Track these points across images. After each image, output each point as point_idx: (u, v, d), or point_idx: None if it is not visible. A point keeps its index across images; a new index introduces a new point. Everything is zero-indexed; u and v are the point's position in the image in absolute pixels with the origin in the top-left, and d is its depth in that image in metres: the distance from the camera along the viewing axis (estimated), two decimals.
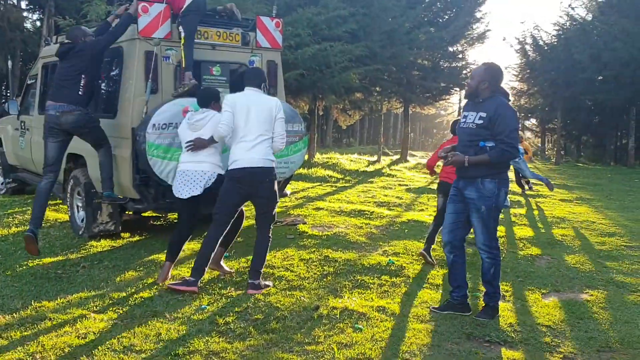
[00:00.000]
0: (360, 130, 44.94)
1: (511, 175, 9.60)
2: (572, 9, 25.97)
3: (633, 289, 5.15)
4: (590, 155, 30.03)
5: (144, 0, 5.69)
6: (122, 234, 6.54)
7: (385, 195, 10.67)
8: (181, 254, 5.26)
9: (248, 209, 5.78)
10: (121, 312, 4.17)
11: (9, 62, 10.89)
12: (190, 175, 4.87)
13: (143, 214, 7.07)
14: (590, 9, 25.24)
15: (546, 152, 32.85)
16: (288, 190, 7.32)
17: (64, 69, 5.54)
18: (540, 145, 33.69)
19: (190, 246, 5.94)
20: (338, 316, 4.18)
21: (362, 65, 15.09)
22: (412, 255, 6.01)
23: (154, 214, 7.49)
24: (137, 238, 6.54)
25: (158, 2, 5.77)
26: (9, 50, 24.45)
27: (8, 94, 27.62)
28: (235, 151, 4.63)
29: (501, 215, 6.19)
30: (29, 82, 8.36)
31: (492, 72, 4.22)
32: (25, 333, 3.68)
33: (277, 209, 8.42)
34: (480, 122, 4.12)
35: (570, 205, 10.46)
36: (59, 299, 4.36)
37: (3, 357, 3.32)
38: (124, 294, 4.53)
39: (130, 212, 6.51)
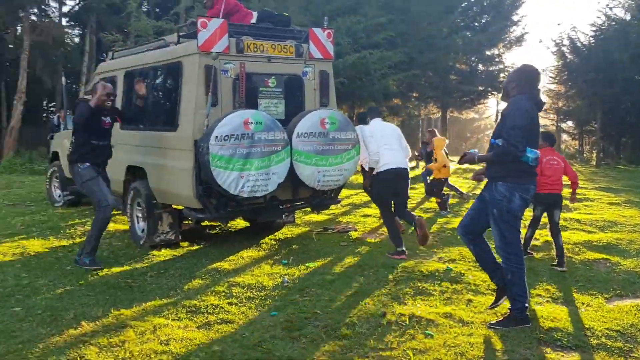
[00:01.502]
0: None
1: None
2: (610, 9, 25.54)
3: None
4: (629, 157, 29.34)
5: (203, 16, 5.88)
6: (182, 244, 6.72)
7: (430, 201, 10.67)
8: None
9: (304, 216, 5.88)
10: (196, 319, 4.31)
11: (63, 79, 11.20)
12: None
13: (202, 224, 7.29)
14: (629, 9, 24.80)
15: (584, 155, 32.27)
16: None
17: None
18: (578, 147, 33.11)
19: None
20: (407, 322, 4.24)
21: (400, 71, 15.15)
22: (469, 262, 6.03)
23: (210, 223, 7.70)
24: (196, 247, 6.71)
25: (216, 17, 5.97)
26: (53, 66, 25.21)
27: (53, 109, 28.45)
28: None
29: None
30: (85, 97, 8.64)
31: (521, 73, 4.25)
32: (111, 340, 3.84)
33: (326, 217, 8.61)
34: (500, 120, 4.24)
35: (620, 209, 10.29)
36: (135, 307, 4.53)
37: (96, 359, 3.49)
38: (195, 302, 4.67)
39: (190, 222, 6.72)
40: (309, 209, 7.38)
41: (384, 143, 6.27)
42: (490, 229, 4.33)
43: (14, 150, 22.55)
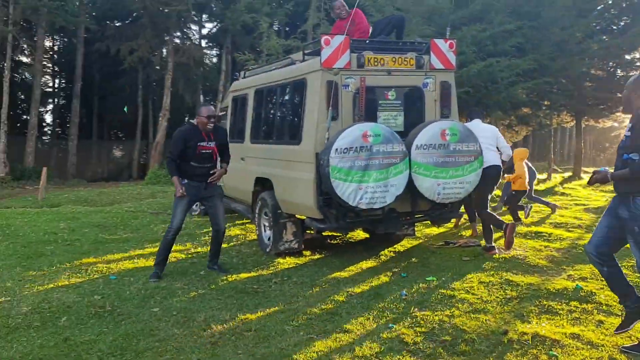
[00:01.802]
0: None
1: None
2: None
3: None
4: None
5: (326, 33, 6.10)
6: (304, 252, 6.96)
7: (562, 216, 10.06)
8: None
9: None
10: (314, 326, 4.46)
11: (201, 97, 12.13)
12: None
13: (323, 234, 7.49)
14: None
15: None
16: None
17: None
18: None
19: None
20: (529, 342, 4.06)
21: (530, 79, 14.45)
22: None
23: (331, 233, 7.89)
24: (317, 256, 6.92)
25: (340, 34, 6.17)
26: (193, 85, 27.32)
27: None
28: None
29: None
30: (220, 113, 9.29)
31: None
32: (236, 342, 4.10)
33: (447, 230, 8.46)
34: (628, 133, 3.87)
35: None
36: (259, 312, 4.78)
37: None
38: (315, 310, 4.83)
39: (312, 232, 6.94)
40: (428, 222, 7.31)
41: (481, 142, 6.46)
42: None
43: (158, 163, 24.69)
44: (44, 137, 35.47)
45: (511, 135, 21.52)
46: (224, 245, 6.81)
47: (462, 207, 7.28)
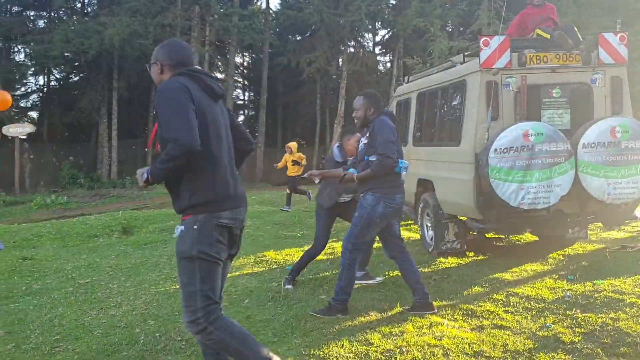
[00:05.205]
0: None
1: None
2: None
3: None
4: None
5: (485, 34, 6.16)
6: (467, 253, 7.04)
7: None
8: None
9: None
10: (471, 321, 4.60)
11: None
12: None
13: (486, 235, 7.49)
14: None
15: None
16: (638, 212, 6.75)
17: None
18: None
19: None
20: None
21: None
22: None
23: (496, 235, 7.84)
24: (481, 257, 6.95)
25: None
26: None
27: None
28: None
29: None
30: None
31: None
32: (392, 330, 4.41)
33: (625, 234, 7.87)
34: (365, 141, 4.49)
35: None
36: None
37: (377, 344, 4.09)
38: (472, 307, 4.95)
39: (474, 232, 7.00)
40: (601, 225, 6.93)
41: None
42: None
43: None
44: None
45: None
46: None
47: None
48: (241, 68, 37.69)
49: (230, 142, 3.10)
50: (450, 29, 28.93)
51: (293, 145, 13.31)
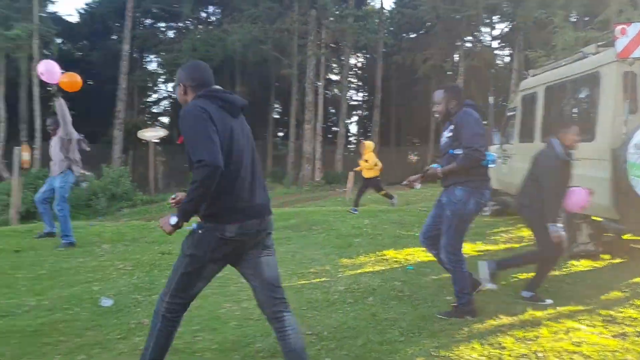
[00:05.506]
0: None
1: None
2: None
3: None
4: None
5: (620, 22, 5.75)
6: (602, 256, 6.59)
7: None
8: None
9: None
10: (612, 328, 4.32)
11: (490, 98, 12.26)
12: None
13: (623, 237, 6.97)
14: None
15: None
16: None
17: None
18: None
19: None
20: None
21: None
22: None
23: (634, 237, 7.28)
24: (618, 260, 6.49)
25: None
26: (483, 87, 27.37)
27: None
28: None
29: None
30: (508, 113, 9.34)
31: None
32: (526, 334, 4.25)
33: None
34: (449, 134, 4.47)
35: None
36: (549, 310, 4.82)
37: (511, 348, 3.96)
38: (612, 312, 4.64)
39: (610, 234, 6.55)
40: None
41: None
42: None
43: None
44: (348, 146, 39.63)
45: None
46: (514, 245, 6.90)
47: None
48: (355, 69, 38.01)
49: (255, 156, 3.20)
50: (575, 19, 27.16)
51: (368, 144, 12.58)
